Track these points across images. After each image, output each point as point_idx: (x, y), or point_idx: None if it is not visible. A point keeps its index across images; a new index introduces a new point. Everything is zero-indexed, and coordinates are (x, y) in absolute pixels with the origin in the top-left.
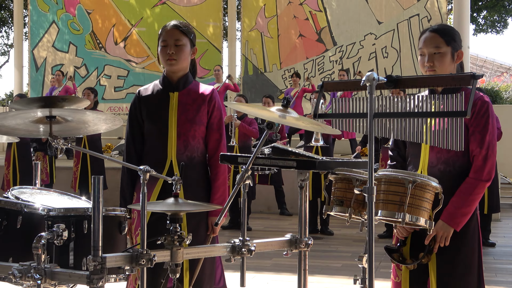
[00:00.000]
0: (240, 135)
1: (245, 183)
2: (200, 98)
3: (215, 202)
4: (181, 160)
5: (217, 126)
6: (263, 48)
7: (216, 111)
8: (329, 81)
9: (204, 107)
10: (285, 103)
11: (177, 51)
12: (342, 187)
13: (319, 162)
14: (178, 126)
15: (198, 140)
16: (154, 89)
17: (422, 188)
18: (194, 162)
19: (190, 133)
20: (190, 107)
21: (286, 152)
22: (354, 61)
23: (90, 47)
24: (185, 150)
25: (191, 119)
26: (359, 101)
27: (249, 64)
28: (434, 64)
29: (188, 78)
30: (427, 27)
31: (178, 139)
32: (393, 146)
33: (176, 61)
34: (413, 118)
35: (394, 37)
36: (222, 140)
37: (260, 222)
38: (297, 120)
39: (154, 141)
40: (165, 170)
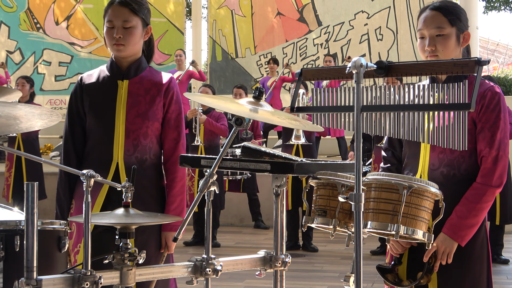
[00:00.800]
0: (206, 133)
1: (210, 190)
2: (155, 88)
3: (170, 213)
4: (129, 162)
5: (175, 123)
6: (234, 29)
7: (174, 105)
8: (309, 68)
9: (160, 99)
10: (258, 94)
11: (125, 34)
12: (325, 194)
13: (298, 165)
14: (127, 121)
15: (151, 139)
16: (100, 76)
17: (419, 195)
18: (145, 166)
19: (141, 131)
20: (142, 99)
21: (259, 152)
22: (343, 45)
23: (25, 28)
24: (134, 151)
25: (143, 113)
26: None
27: (218, 48)
28: (436, 48)
29: (141, 63)
30: (429, 4)
31: (127, 138)
32: (387, 145)
33: (125, 47)
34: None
35: (390, 16)
36: (181, 139)
37: (230, 236)
38: (272, 115)
39: (97, 139)
40: (109, 174)
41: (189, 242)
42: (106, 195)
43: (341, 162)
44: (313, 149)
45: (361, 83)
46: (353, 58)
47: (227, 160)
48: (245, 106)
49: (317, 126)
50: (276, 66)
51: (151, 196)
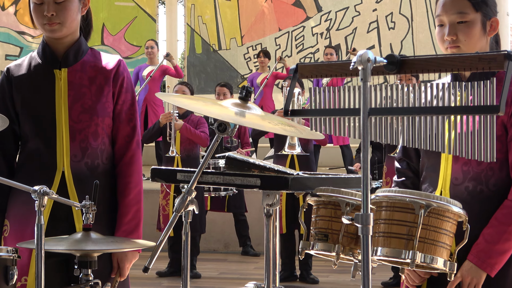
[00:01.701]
0: (183, 142)
1: (188, 210)
2: (101, 75)
3: (123, 228)
4: (78, 171)
5: (127, 116)
6: (216, 15)
7: (125, 94)
8: (306, 63)
9: (108, 88)
10: (245, 94)
11: (59, 10)
12: (326, 214)
13: (293, 179)
14: (71, 120)
15: (103, 139)
16: (31, 65)
17: (439, 215)
18: (98, 173)
19: (90, 130)
20: (87, 90)
21: (247, 164)
22: (347, 34)
23: None
24: (83, 156)
25: (89, 108)
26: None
27: (197, 39)
28: (457, 37)
29: (81, 46)
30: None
31: (72, 140)
32: (401, 155)
33: (60, 26)
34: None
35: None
36: (135, 135)
37: (213, 265)
38: (262, 119)
39: (35, 144)
40: (53, 187)
41: (163, 272)
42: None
43: (345, 176)
44: (311, 160)
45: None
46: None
47: (208, 174)
48: (229, 108)
49: (316, 133)
50: (268, 60)
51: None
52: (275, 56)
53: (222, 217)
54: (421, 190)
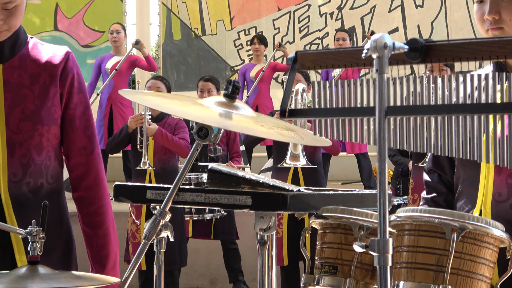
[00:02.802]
0: (158, 151)
1: (160, 236)
2: (46, 71)
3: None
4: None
5: (82, 123)
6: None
7: (78, 95)
8: (307, 51)
9: (55, 88)
10: (231, 90)
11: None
12: (335, 241)
13: (293, 197)
14: (8, 129)
15: (48, 152)
16: None
17: (476, 240)
18: (41, 196)
19: (32, 142)
20: (28, 92)
21: (234, 178)
22: (364, 15)
23: None
24: (24, 175)
25: (32, 114)
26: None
27: (175, 21)
28: (500, 16)
29: (19, 35)
30: None
31: (11, 155)
32: (431, 166)
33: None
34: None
35: None
36: (95, 148)
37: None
38: (254, 122)
39: None
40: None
41: None
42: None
43: (359, 192)
44: (320, 174)
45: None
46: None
47: (186, 192)
48: (212, 109)
49: (320, 138)
50: (264, 48)
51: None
52: (273, 42)
53: (207, 246)
54: (456, 208)
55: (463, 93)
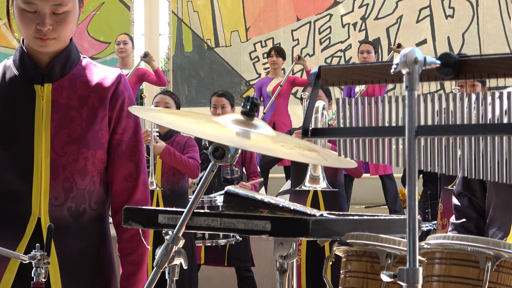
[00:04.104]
0: (166, 172)
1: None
2: (95, 94)
3: None
4: (58, 217)
5: (129, 149)
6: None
7: (127, 119)
8: (331, 66)
9: (104, 112)
10: (249, 107)
11: (57, 24)
12: (361, 269)
13: (316, 222)
14: (53, 151)
15: (92, 177)
16: (5, 78)
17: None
18: (84, 222)
19: (77, 166)
20: (76, 114)
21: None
22: (389, 25)
23: None
24: (66, 199)
25: (78, 137)
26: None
27: (186, 32)
28: None
29: (71, 53)
30: None
31: (54, 178)
32: (461, 189)
33: (56, 40)
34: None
35: None
36: (141, 174)
37: None
38: (273, 141)
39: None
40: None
41: None
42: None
43: (385, 218)
44: (342, 197)
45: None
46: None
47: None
48: (229, 127)
49: (345, 159)
50: (282, 61)
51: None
52: (292, 55)
53: (221, 273)
54: (488, 235)
55: (499, 111)
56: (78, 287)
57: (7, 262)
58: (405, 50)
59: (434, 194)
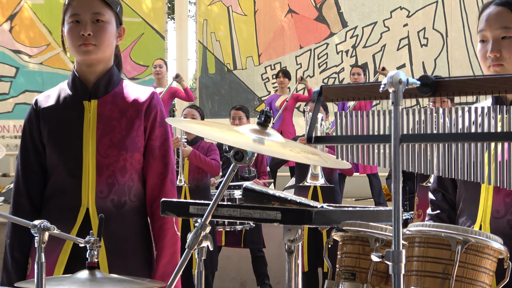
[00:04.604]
0: (192, 171)
1: (201, 246)
2: (133, 107)
3: (160, 272)
4: (103, 207)
5: (161, 152)
6: (231, 31)
7: (159, 128)
8: (331, 85)
9: (139, 122)
10: (264, 119)
11: (97, 31)
12: (354, 251)
13: (318, 213)
14: (98, 154)
15: (131, 175)
16: (60, 97)
17: (478, 251)
18: (124, 211)
19: (117, 165)
20: (116, 124)
21: (266, 196)
22: (375, 52)
23: None
24: (109, 193)
25: (118, 142)
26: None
27: (210, 58)
28: (501, 54)
29: (112, 76)
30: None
31: (99, 175)
32: (436, 186)
33: (96, 48)
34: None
35: (438, 13)
36: (169, 174)
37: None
38: (283, 147)
39: (60, 179)
40: (77, 224)
41: None
42: (71, 251)
43: (374, 209)
44: (336, 191)
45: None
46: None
47: (224, 207)
48: (247, 135)
49: (342, 161)
50: (287, 81)
51: (133, 251)
52: (296, 76)
53: (238, 253)
54: (458, 224)
55: (468, 123)
56: (121, 265)
57: (62, 244)
58: (391, 72)
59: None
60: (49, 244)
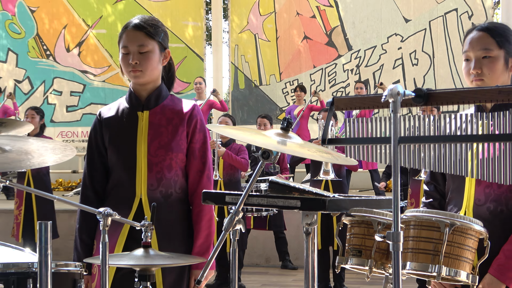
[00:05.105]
0: (226, 167)
1: (235, 228)
2: (177, 117)
3: (196, 250)
4: (153, 198)
5: (200, 153)
6: (257, 54)
7: (199, 133)
8: (341, 97)
9: (183, 128)
10: (286, 125)
11: (142, 59)
12: (360, 232)
13: (330, 201)
14: (149, 154)
15: (176, 171)
16: (119, 109)
17: (462, 233)
18: (171, 201)
19: (165, 163)
20: (164, 130)
21: (288, 188)
22: (375, 70)
23: (34, 55)
24: (158, 185)
25: (165, 144)
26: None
27: (240, 75)
28: (482, 71)
29: (161, 91)
30: (469, 24)
31: (150, 171)
32: (429, 179)
33: (142, 73)
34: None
35: (426, 39)
36: (206, 170)
37: (256, 278)
38: (301, 147)
39: (119, 175)
40: (132, 211)
41: (211, 285)
42: (128, 233)
43: (376, 198)
44: (344, 184)
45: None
46: (388, 86)
47: (253, 197)
48: (272, 138)
49: (350, 159)
50: (304, 94)
51: (178, 233)
52: (310, 90)
53: (263, 235)
54: (447, 210)
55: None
56: (169, 245)
57: (120, 228)
58: (390, 86)
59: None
60: (111, 228)
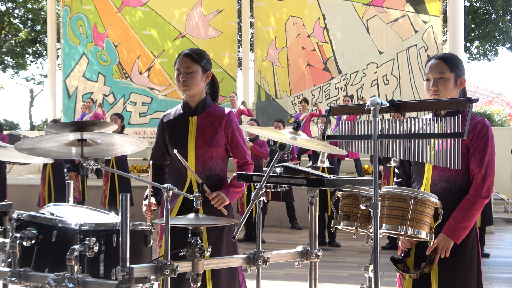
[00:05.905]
0: (252, 157)
1: (260, 199)
2: (217, 121)
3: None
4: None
5: (240, 146)
6: (274, 76)
7: (235, 132)
8: (336, 106)
9: (221, 129)
10: (296, 126)
11: (188, 78)
12: (349, 203)
13: (328, 180)
14: (196, 148)
15: (216, 160)
16: (176, 114)
17: (423, 203)
18: (212, 180)
19: (207, 155)
20: (207, 130)
21: (297, 171)
22: (358, 88)
23: (117, 77)
24: (203, 170)
25: (208, 141)
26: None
27: (262, 91)
28: (438, 88)
29: (206, 102)
30: (425, 56)
31: (197, 161)
32: (398, 164)
33: (188, 87)
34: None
35: (394, 65)
36: (247, 155)
37: (273, 235)
38: (307, 142)
39: (175, 162)
40: (185, 188)
41: (241, 240)
42: (181, 203)
43: (360, 178)
44: (336, 169)
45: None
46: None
47: (273, 177)
48: (287, 135)
49: (341, 150)
50: (307, 105)
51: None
52: (312, 102)
53: (278, 204)
54: (412, 187)
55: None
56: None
57: (176, 199)
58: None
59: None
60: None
